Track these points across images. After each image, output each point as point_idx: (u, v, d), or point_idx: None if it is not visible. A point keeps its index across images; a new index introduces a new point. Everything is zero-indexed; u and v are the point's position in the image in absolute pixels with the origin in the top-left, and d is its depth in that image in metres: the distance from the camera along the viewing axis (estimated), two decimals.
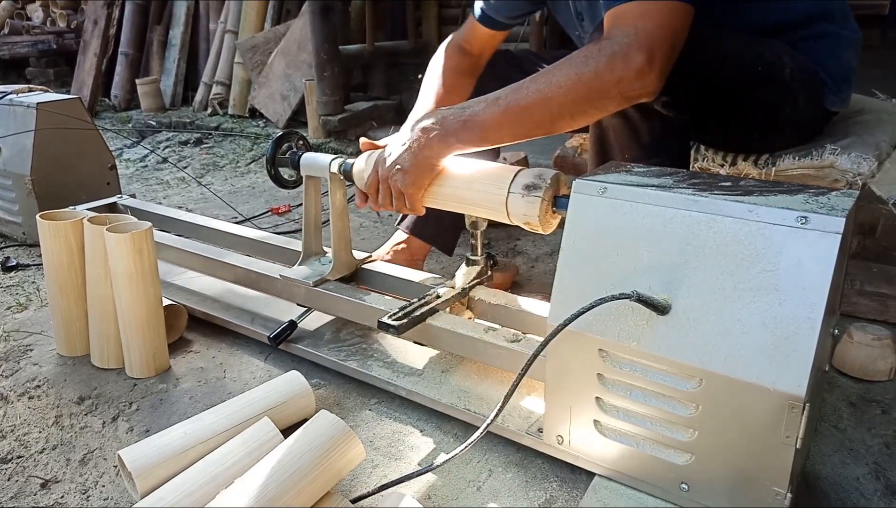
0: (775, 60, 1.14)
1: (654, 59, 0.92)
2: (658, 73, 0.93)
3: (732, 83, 1.13)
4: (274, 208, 2.33)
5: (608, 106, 0.98)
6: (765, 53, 1.14)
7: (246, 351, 1.33)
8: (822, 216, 0.72)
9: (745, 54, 1.13)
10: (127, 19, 4.24)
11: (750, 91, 1.14)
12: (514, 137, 1.03)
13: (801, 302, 0.72)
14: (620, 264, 0.83)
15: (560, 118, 0.99)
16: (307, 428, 0.88)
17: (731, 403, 0.76)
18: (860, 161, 1.22)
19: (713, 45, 1.10)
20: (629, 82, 0.93)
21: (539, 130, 1.01)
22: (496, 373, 1.12)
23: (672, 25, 0.94)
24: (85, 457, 1.04)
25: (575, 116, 0.99)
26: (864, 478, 0.95)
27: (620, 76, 0.93)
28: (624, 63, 0.92)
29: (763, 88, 1.15)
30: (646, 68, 0.92)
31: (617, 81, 0.93)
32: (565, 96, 0.96)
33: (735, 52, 1.12)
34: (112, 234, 1.15)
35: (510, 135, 1.03)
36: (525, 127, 1.01)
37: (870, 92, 1.51)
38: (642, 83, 0.93)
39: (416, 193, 1.08)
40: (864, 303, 1.39)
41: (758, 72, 1.13)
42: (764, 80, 1.14)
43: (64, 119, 1.91)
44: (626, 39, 0.93)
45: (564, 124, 1.01)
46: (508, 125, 1.01)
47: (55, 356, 1.33)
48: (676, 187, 0.83)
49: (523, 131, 1.02)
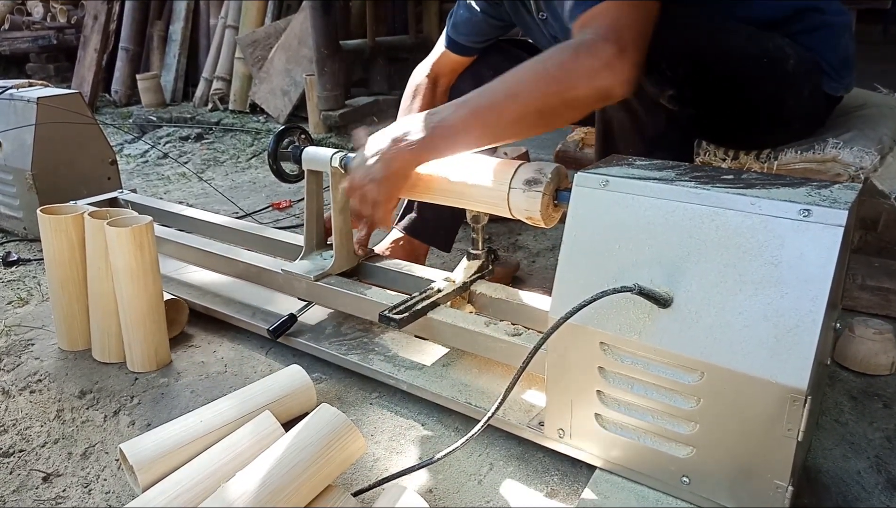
0: (778, 52, 1.14)
1: (623, 49, 0.90)
2: (629, 63, 0.91)
3: (737, 77, 1.12)
4: (275, 203, 2.33)
5: (579, 101, 0.94)
6: (768, 46, 1.13)
7: (247, 345, 1.33)
8: (825, 209, 0.72)
9: (750, 47, 1.12)
10: (127, 15, 4.23)
11: (755, 84, 1.14)
12: (485, 139, 1.00)
13: (803, 295, 0.72)
14: (622, 258, 0.83)
15: (531, 116, 0.96)
16: (308, 422, 0.88)
17: (732, 396, 0.76)
18: (862, 155, 1.21)
19: (718, 38, 1.09)
20: (598, 73, 0.91)
21: (511, 131, 0.98)
22: (497, 367, 1.12)
23: (638, 18, 0.93)
24: (87, 451, 1.05)
25: (545, 114, 0.96)
26: (865, 472, 0.95)
27: (589, 67, 0.91)
28: (591, 54, 0.91)
29: (767, 80, 1.15)
30: (614, 58, 0.90)
31: (586, 73, 0.91)
32: (533, 92, 0.93)
33: (739, 46, 1.12)
34: (113, 228, 1.15)
35: (481, 138, 1.00)
36: (496, 128, 0.98)
37: (872, 86, 1.51)
38: (612, 73, 0.91)
39: (387, 204, 1.05)
40: (866, 297, 1.39)
41: (762, 64, 1.12)
42: (768, 72, 1.14)
43: (64, 113, 1.90)
44: (593, 35, 0.92)
45: (536, 123, 0.97)
46: (478, 127, 0.98)
47: (56, 350, 1.33)
48: (678, 180, 0.82)
49: (495, 133, 0.99)
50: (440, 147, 1.01)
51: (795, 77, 1.16)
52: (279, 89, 3.42)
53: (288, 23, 3.49)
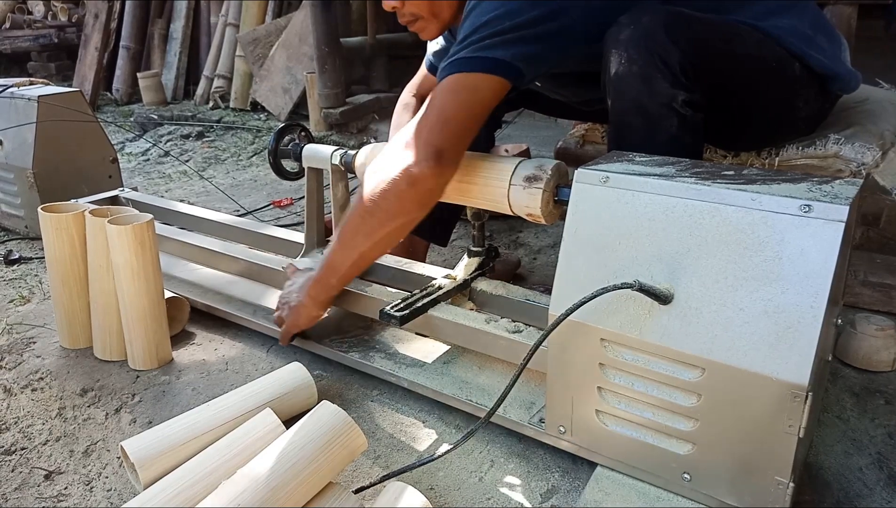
0: (785, 56, 1.13)
1: (414, 142, 0.98)
2: (423, 149, 0.98)
3: (748, 81, 1.13)
4: (276, 200, 2.33)
5: (402, 196, 1.00)
6: (776, 49, 1.13)
7: (248, 343, 1.33)
8: (826, 204, 0.71)
9: (760, 51, 1.12)
10: (128, 13, 4.23)
11: (764, 88, 1.14)
12: (356, 261, 1.09)
13: (803, 291, 0.72)
14: (622, 254, 0.83)
15: (378, 228, 1.04)
16: (309, 419, 0.88)
17: (733, 392, 0.76)
18: (864, 151, 1.21)
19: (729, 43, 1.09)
20: (398, 183, 0.99)
21: (374, 247, 1.07)
22: (498, 364, 1.12)
23: (461, 109, 0.99)
24: (88, 448, 1.05)
25: (387, 226, 1.04)
26: (866, 468, 0.95)
27: (391, 182, 0.99)
28: (387, 169, 1.00)
29: (777, 84, 1.15)
30: (408, 150, 0.98)
31: (389, 185, 0.99)
32: (371, 213, 1.03)
33: (750, 51, 1.12)
34: (114, 226, 1.15)
35: (356, 265, 1.10)
36: (359, 248, 1.07)
37: (874, 81, 1.50)
38: (410, 167, 0.98)
39: (291, 329, 1.20)
40: (868, 294, 1.39)
41: (771, 69, 1.12)
42: (777, 76, 1.14)
43: (65, 112, 1.90)
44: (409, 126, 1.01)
45: (390, 235, 1.05)
46: (346, 253, 1.08)
47: (58, 348, 1.33)
48: (679, 176, 0.82)
49: (360, 253, 1.08)
50: (324, 279, 1.13)
51: (801, 80, 1.16)
52: (280, 87, 3.42)
53: (289, 21, 3.48)
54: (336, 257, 1.10)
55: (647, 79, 1.01)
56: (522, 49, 0.98)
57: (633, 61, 1.01)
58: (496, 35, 0.97)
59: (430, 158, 0.97)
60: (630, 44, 1.01)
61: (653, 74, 1.01)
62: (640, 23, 1.01)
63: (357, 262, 1.10)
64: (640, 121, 1.06)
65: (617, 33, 1.03)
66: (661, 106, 1.04)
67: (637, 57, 1.01)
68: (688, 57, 1.01)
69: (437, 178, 0.99)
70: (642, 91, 1.03)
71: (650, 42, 1.00)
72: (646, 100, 1.03)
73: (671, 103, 1.03)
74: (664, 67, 1.00)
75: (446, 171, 0.99)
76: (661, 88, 1.02)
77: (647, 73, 1.01)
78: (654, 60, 1.00)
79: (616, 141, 1.12)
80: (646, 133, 1.07)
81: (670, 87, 1.02)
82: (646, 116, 1.06)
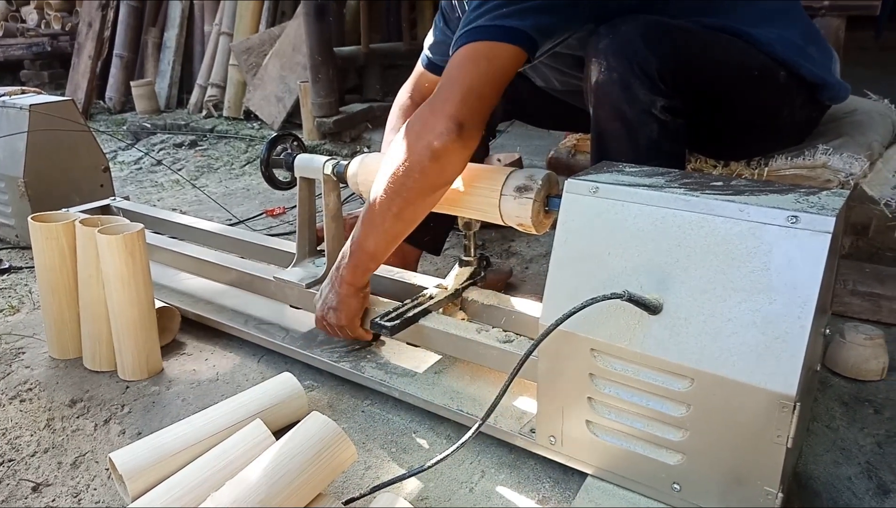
0: (769, 63, 1.14)
1: (437, 107, 0.97)
2: (444, 117, 0.96)
3: (729, 89, 1.13)
4: (268, 209, 2.32)
5: (420, 167, 0.99)
6: (760, 57, 1.14)
7: (239, 353, 1.33)
8: (813, 216, 0.72)
9: (742, 59, 1.13)
10: (122, 21, 4.23)
11: (747, 96, 1.15)
12: (389, 242, 1.08)
13: (791, 302, 0.72)
14: (612, 264, 0.83)
15: (404, 206, 1.03)
16: (298, 430, 0.87)
17: (722, 403, 0.76)
18: (852, 161, 1.22)
19: (710, 50, 1.10)
20: (419, 139, 0.98)
21: (400, 226, 1.06)
22: (489, 374, 1.12)
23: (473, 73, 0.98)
24: (76, 460, 1.04)
25: (416, 203, 1.03)
26: (856, 477, 0.95)
27: (413, 139, 0.98)
28: (411, 128, 0.99)
29: (760, 92, 1.16)
30: (429, 117, 0.97)
31: (412, 146, 0.98)
32: (396, 192, 1.01)
33: (731, 58, 1.13)
34: (104, 236, 1.14)
35: (385, 243, 1.08)
36: (388, 231, 1.06)
37: (862, 92, 1.52)
38: (430, 132, 0.97)
39: (352, 323, 1.15)
40: (857, 303, 1.40)
41: (754, 77, 1.13)
42: (760, 84, 1.14)
43: (57, 121, 1.90)
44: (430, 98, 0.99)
45: (412, 206, 1.03)
46: (375, 236, 1.07)
47: (47, 358, 1.32)
48: (668, 187, 0.83)
49: (391, 234, 1.07)
50: (361, 264, 1.11)
51: (788, 89, 1.17)
52: (273, 96, 3.42)
53: (282, 30, 3.49)
54: (368, 242, 1.08)
55: (626, 86, 1.03)
56: (537, 19, 0.97)
57: (613, 69, 1.02)
58: (512, 3, 0.97)
59: (452, 131, 0.95)
60: (609, 52, 1.02)
61: (631, 82, 1.02)
62: (619, 32, 1.03)
63: (390, 243, 1.08)
64: (621, 127, 1.08)
65: (596, 43, 1.04)
66: (641, 112, 1.05)
67: (616, 65, 1.02)
68: (666, 64, 1.02)
69: (460, 150, 0.97)
70: (622, 98, 1.04)
71: (628, 50, 1.01)
72: (625, 107, 1.04)
73: (650, 109, 1.04)
74: (642, 75, 1.01)
75: (469, 143, 0.98)
76: (640, 94, 1.03)
77: (626, 80, 1.02)
78: (633, 68, 1.01)
79: (598, 148, 1.13)
80: (627, 139, 1.08)
81: (649, 93, 1.03)
82: (626, 123, 1.07)
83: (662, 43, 1.04)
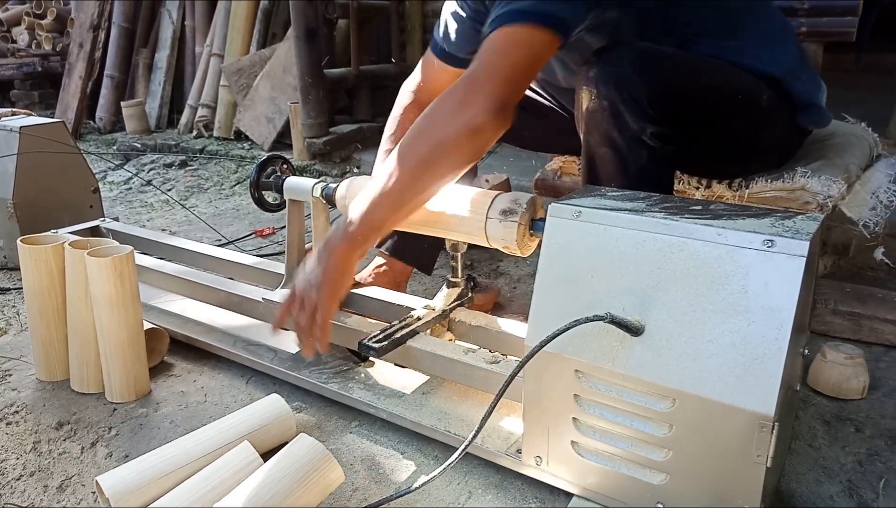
0: (753, 87, 1.18)
1: (477, 83, 0.97)
2: (483, 94, 0.96)
3: (715, 113, 1.16)
4: (258, 230, 2.33)
5: (455, 143, 0.99)
6: (743, 80, 1.17)
7: (228, 375, 1.33)
8: (788, 240, 0.74)
9: (726, 83, 1.16)
10: (113, 42, 4.25)
11: (731, 120, 1.18)
12: (401, 211, 1.05)
13: (768, 323, 0.74)
14: (595, 286, 0.85)
15: (431, 182, 1.02)
16: (286, 452, 0.88)
17: (703, 423, 0.78)
18: (830, 184, 1.25)
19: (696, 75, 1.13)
20: (457, 112, 0.97)
21: (415, 196, 1.04)
22: (477, 395, 1.13)
23: (513, 51, 0.99)
24: (63, 484, 1.04)
25: (435, 169, 1.02)
26: (837, 496, 0.97)
27: (450, 109, 0.98)
28: (449, 97, 0.99)
29: (743, 116, 1.19)
30: (470, 92, 0.97)
31: (449, 115, 0.98)
32: (416, 154, 1.00)
33: (716, 82, 1.16)
34: (93, 258, 1.15)
35: (396, 210, 1.05)
36: (402, 197, 1.03)
37: (840, 116, 1.55)
38: (469, 107, 0.97)
39: (331, 304, 1.07)
40: (838, 322, 1.42)
41: (738, 101, 1.16)
42: (744, 107, 1.18)
43: (47, 143, 1.91)
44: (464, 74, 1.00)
45: (433, 180, 1.03)
46: (389, 201, 1.03)
47: (34, 381, 1.32)
48: (649, 211, 0.85)
49: (404, 202, 1.04)
50: (361, 235, 1.05)
51: (770, 112, 1.20)
52: (264, 117, 3.44)
53: (273, 51, 3.52)
54: (376, 213, 1.04)
55: (616, 114, 1.05)
56: (572, 7, 0.99)
57: (603, 97, 1.05)
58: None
59: (494, 110, 0.96)
60: (600, 81, 1.05)
61: (622, 110, 1.04)
62: (609, 60, 1.05)
63: (399, 216, 1.06)
64: (612, 154, 1.10)
65: (587, 71, 1.07)
66: (631, 139, 1.07)
67: (606, 93, 1.05)
68: (655, 91, 1.05)
69: (497, 130, 0.98)
70: (613, 125, 1.06)
71: (618, 79, 1.04)
72: (616, 134, 1.07)
73: (641, 137, 1.07)
74: (633, 102, 1.04)
75: (505, 123, 0.99)
76: (631, 122, 1.06)
77: (616, 108, 1.05)
78: (623, 96, 1.04)
79: (589, 173, 1.15)
80: (617, 166, 1.10)
81: (639, 120, 1.06)
82: (616, 150, 1.09)
83: (651, 70, 1.06)
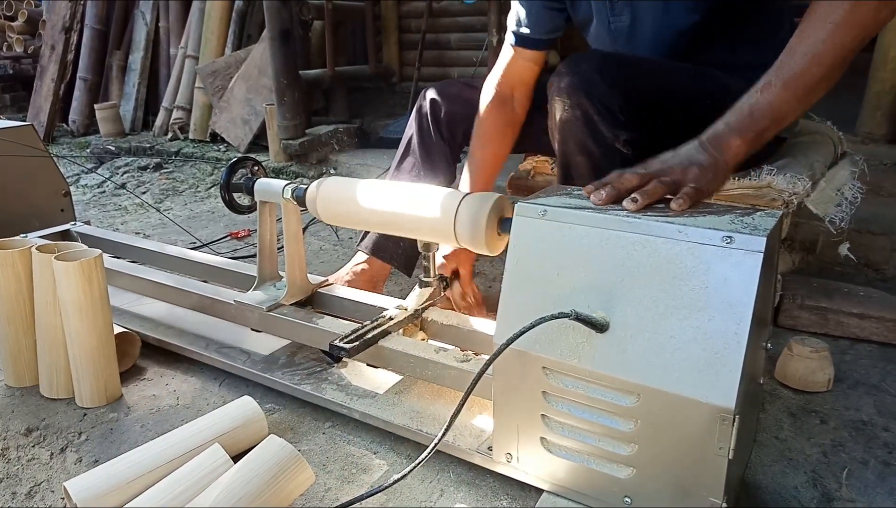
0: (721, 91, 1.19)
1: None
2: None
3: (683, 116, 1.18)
4: (233, 232, 2.32)
5: (865, 40, 0.91)
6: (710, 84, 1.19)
7: (200, 377, 1.32)
8: (746, 236, 0.76)
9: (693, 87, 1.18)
10: (85, 45, 4.20)
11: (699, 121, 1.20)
12: (797, 112, 0.96)
13: (728, 318, 0.75)
14: (561, 284, 0.86)
15: (831, 74, 0.93)
16: (255, 453, 0.88)
17: (667, 417, 0.79)
18: (795, 181, 1.27)
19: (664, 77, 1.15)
20: (880, 8, 0.89)
21: (814, 96, 0.95)
22: (449, 393, 1.13)
23: None
24: (31, 490, 1.03)
25: (840, 67, 0.93)
26: (802, 486, 0.99)
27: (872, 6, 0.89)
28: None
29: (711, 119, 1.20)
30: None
31: (873, 12, 0.89)
32: (834, 48, 0.91)
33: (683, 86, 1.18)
34: (60, 262, 1.14)
35: (795, 110, 0.96)
36: (805, 97, 0.94)
37: (806, 114, 1.58)
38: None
39: (707, 196, 0.93)
40: (805, 316, 1.45)
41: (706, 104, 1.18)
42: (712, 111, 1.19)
43: (16, 147, 1.88)
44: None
45: (832, 80, 0.94)
46: (791, 100, 0.94)
47: (3, 387, 1.30)
48: (612, 209, 0.86)
49: (803, 102, 0.95)
50: (761, 132, 0.95)
51: None
52: (239, 118, 3.43)
53: (248, 53, 3.51)
54: (783, 106, 0.94)
55: (589, 122, 1.07)
56: None
57: (576, 107, 1.07)
58: None
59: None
60: (571, 91, 1.07)
61: (595, 119, 1.06)
62: (580, 70, 1.07)
63: (802, 108, 0.96)
64: (586, 162, 1.12)
65: (558, 82, 1.08)
66: (605, 147, 1.09)
67: (578, 103, 1.06)
68: (626, 98, 1.07)
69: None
70: (586, 134, 1.08)
71: (589, 88, 1.06)
72: (590, 142, 1.09)
73: (614, 144, 1.09)
74: (605, 111, 1.06)
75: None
76: (604, 130, 1.08)
77: (588, 117, 1.07)
78: (595, 105, 1.06)
79: (564, 180, 1.17)
80: (592, 173, 1.12)
81: (611, 128, 1.07)
82: (591, 157, 1.11)
83: (620, 77, 1.08)
